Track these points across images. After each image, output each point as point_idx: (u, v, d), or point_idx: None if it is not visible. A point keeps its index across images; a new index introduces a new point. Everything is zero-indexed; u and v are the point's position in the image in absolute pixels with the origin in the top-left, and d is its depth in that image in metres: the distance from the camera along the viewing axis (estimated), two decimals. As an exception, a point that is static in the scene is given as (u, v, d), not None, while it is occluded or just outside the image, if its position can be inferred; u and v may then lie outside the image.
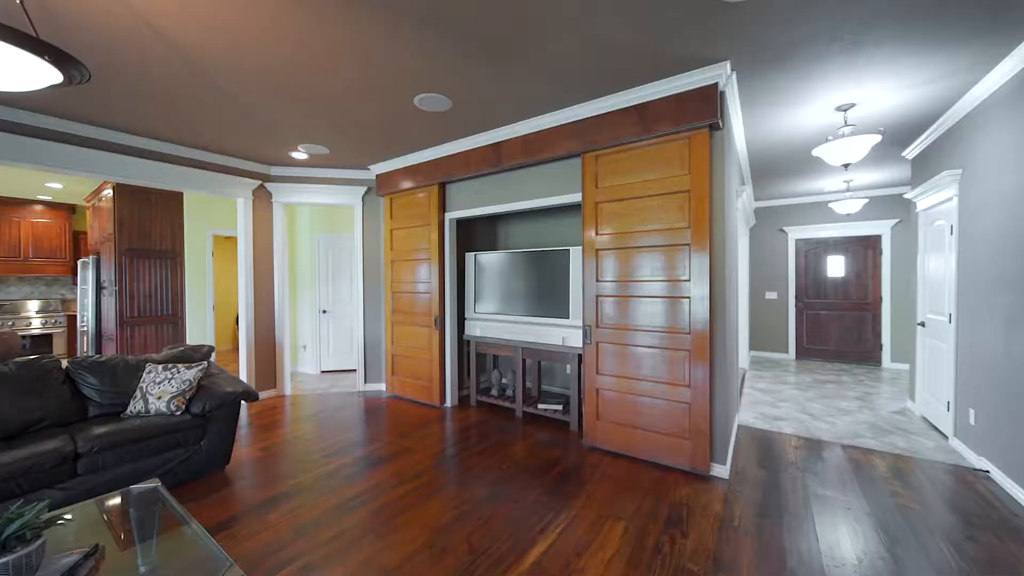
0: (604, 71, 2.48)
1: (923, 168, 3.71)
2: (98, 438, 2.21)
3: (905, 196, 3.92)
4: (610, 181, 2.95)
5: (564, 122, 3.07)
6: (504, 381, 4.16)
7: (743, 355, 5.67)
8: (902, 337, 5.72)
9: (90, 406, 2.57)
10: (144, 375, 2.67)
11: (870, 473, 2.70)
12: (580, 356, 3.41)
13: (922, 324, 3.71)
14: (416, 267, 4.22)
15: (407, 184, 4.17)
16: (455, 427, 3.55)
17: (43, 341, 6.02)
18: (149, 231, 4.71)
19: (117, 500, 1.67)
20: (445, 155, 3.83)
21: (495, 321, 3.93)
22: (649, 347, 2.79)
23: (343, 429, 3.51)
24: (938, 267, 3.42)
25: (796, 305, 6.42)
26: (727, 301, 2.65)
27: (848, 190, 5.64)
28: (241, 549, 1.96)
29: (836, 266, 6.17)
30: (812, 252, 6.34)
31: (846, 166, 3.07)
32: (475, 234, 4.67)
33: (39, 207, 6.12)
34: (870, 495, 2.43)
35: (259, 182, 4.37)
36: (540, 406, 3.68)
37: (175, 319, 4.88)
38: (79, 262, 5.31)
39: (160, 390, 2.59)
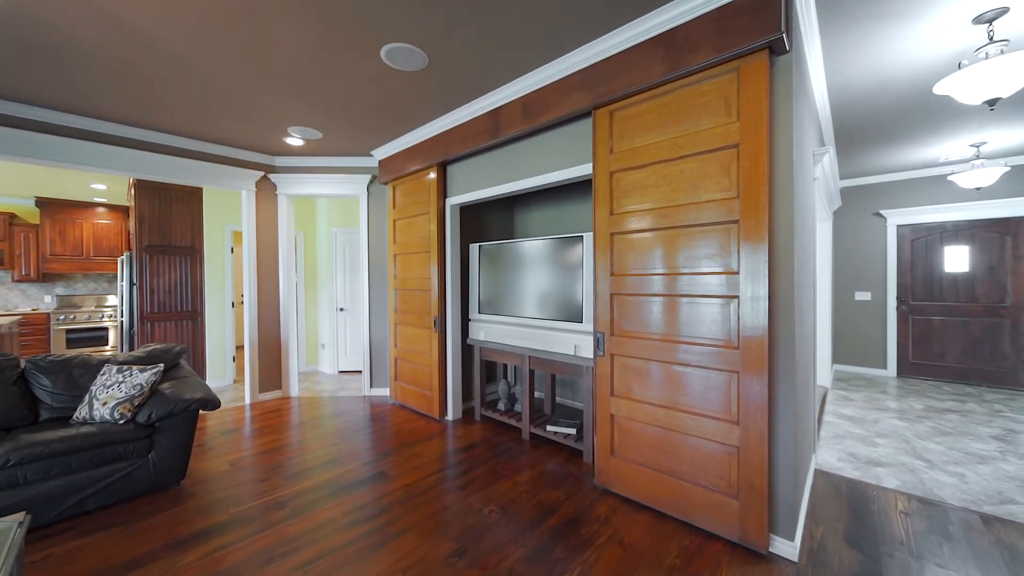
0: (611, -16, 1.80)
1: (1117, 110, 2.52)
2: (16, 450, 1.96)
3: (1082, 154, 2.72)
4: (628, 143, 2.24)
5: (569, 72, 2.41)
6: (514, 392, 3.57)
7: (823, 370, 4.55)
8: (1061, 353, 4.24)
9: (42, 409, 2.39)
10: (98, 377, 2.45)
11: (1040, 573, 1.74)
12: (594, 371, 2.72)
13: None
14: (417, 261, 3.76)
15: (408, 168, 3.72)
16: (449, 448, 3.03)
17: (101, 334, 6.46)
18: (169, 227, 4.73)
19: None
20: (442, 130, 3.32)
21: (498, 324, 3.34)
22: (682, 364, 2.05)
23: (327, 442, 3.13)
24: None
25: (898, 309, 5.10)
26: (797, 303, 1.84)
27: (978, 156, 4.29)
28: (130, 604, 1.58)
29: (957, 259, 4.78)
30: (921, 241, 4.98)
31: (991, 105, 2.08)
32: (488, 224, 4.12)
33: (101, 209, 6.57)
34: (1047, 618, 1.51)
35: (262, 173, 4.18)
36: (549, 428, 3.03)
37: (195, 315, 4.89)
38: (119, 260, 5.58)
39: (107, 395, 2.34)
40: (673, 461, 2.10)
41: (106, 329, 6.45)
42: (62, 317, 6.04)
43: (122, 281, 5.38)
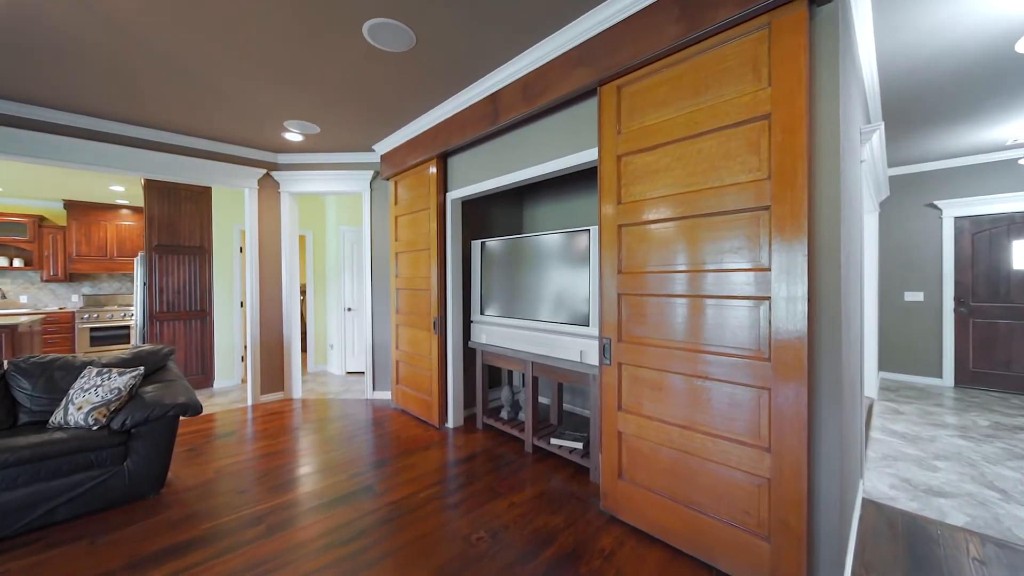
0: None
1: None
2: (-21, 458, 1.87)
3: None
4: (638, 121, 1.95)
5: (571, 46, 2.14)
6: (518, 399, 3.32)
7: (869, 379, 4.07)
8: None
9: (21, 413, 2.31)
10: (77, 380, 2.36)
11: None
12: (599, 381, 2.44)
13: None
14: (419, 259, 3.57)
15: (408, 161, 3.53)
16: (446, 460, 2.81)
17: (124, 332, 6.61)
18: (178, 227, 4.74)
19: None
20: (440, 120, 3.11)
21: (500, 326, 3.10)
22: (700, 377, 1.75)
23: (320, 449, 2.97)
24: None
25: (956, 310, 4.54)
26: (844, 305, 1.51)
27: (1056, 137, 3.72)
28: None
29: (1028, 254, 4.20)
30: (984, 235, 4.41)
31: (1095, 61, 1.68)
32: (495, 220, 3.88)
33: (124, 211, 6.73)
34: None
35: (264, 171, 4.09)
36: (554, 441, 2.76)
37: (203, 315, 4.88)
38: (134, 260, 5.67)
39: (83, 399, 2.24)
40: (690, 489, 1.80)
41: (128, 328, 6.59)
42: (86, 316, 6.20)
43: (136, 281, 5.45)
